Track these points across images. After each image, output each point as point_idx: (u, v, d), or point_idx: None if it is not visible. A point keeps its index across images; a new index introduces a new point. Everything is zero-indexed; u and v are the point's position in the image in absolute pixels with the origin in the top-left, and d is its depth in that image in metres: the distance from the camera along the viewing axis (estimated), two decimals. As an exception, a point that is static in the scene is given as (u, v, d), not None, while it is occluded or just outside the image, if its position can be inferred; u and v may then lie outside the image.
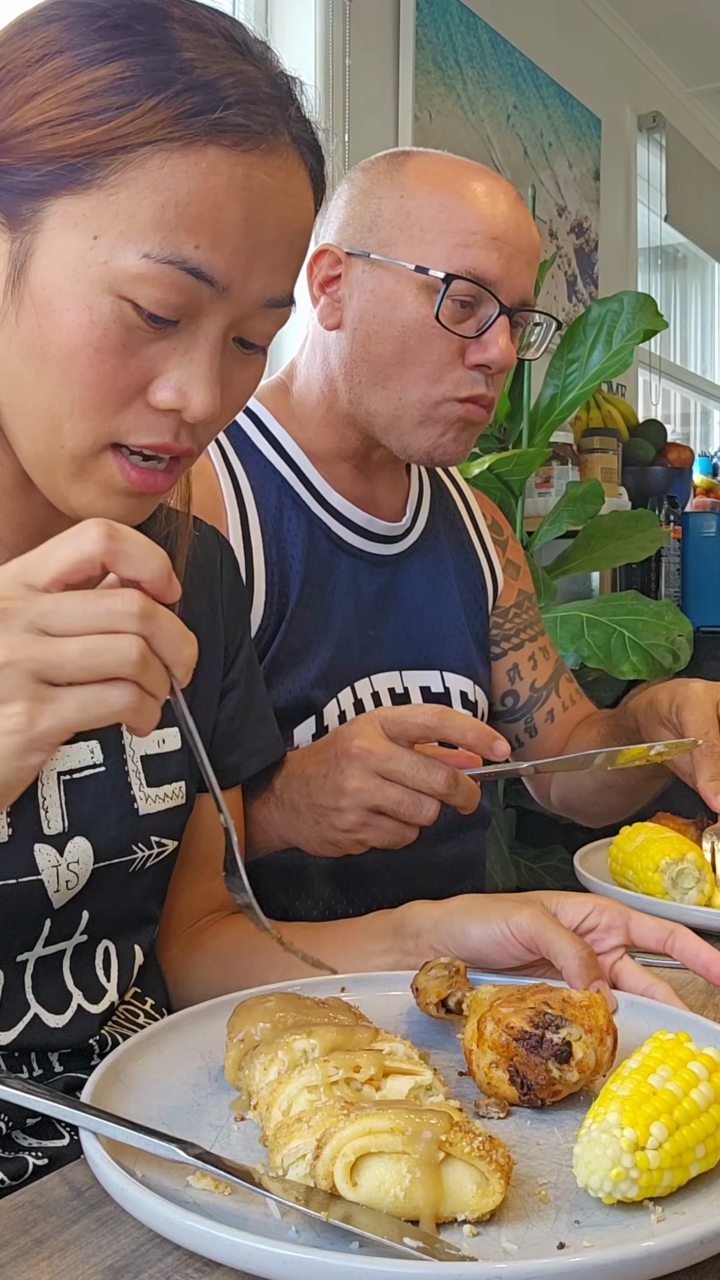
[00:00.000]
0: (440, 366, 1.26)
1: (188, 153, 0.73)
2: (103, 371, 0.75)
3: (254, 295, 0.78)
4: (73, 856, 0.87)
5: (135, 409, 0.77)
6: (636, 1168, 0.61)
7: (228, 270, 0.75)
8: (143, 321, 0.75)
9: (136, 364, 0.76)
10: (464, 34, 3.36)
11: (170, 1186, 0.63)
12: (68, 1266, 0.60)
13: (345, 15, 2.87)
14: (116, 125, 0.72)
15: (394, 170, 1.29)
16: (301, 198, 0.81)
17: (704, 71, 4.71)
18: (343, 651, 1.31)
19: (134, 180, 0.73)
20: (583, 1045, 0.74)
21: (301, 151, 0.80)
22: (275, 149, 0.77)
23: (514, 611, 1.55)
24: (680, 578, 3.92)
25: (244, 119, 0.75)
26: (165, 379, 0.77)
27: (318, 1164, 0.61)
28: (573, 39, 4.02)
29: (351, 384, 1.30)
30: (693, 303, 5.73)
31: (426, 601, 1.42)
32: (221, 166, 0.74)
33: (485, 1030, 0.76)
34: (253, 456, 1.32)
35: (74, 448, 0.78)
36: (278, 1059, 0.71)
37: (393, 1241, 0.57)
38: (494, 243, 1.25)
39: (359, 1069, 0.68)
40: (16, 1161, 0.85)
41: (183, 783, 0.98)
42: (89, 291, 0.74)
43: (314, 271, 1.32)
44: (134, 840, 0.92)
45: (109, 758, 0.91)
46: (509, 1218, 0.62)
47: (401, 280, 1.26)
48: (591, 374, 2.66)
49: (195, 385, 0.77)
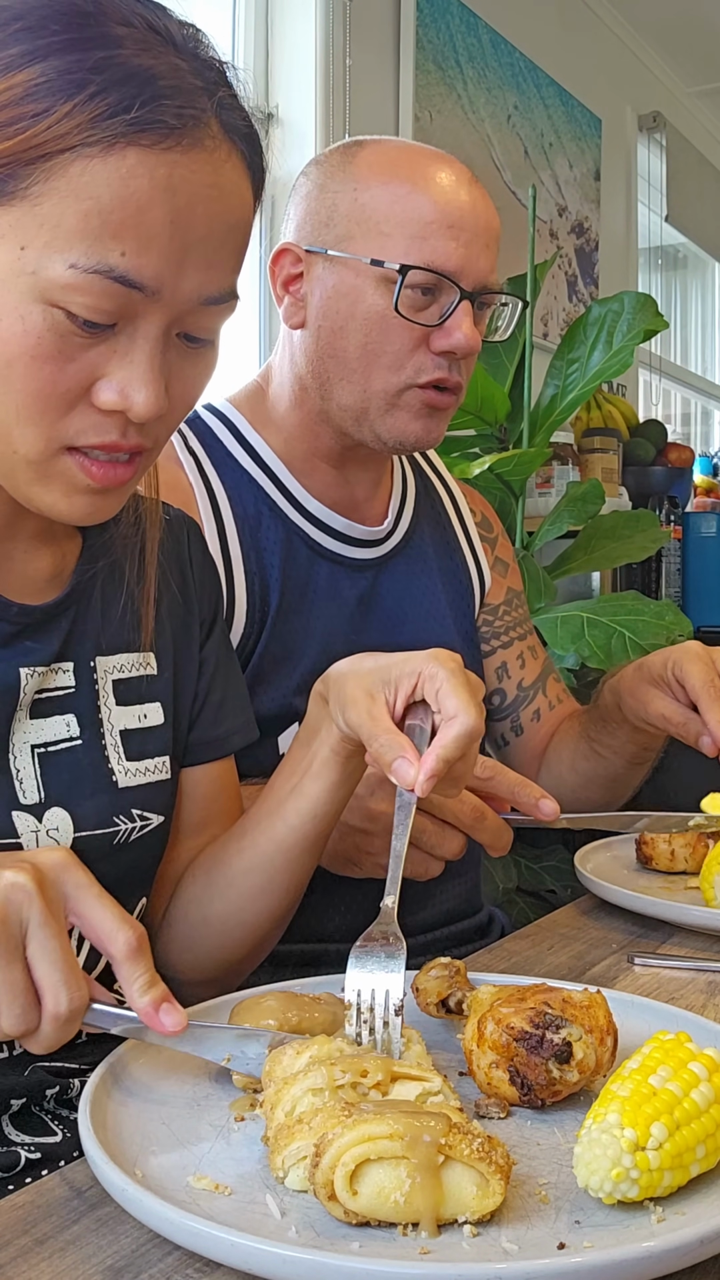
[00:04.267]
0: (403, 355, 1.26)
1: (108, 157, 0.72)
2: (42, 379, 0.75)
3: (188, 295, 0.77)
4: (52, 824, 0.88)
5: (81, 411, 0.78)
6: (637, 1168, 0.61)
7: (157, 275, 0.75)
8: (77, 328, 0.75)
9: (76, 369, 0.76)
10: (464, 34, 3.36)
11: (170, 1186, 0.63)
12: (68, 1266, 0.60)
13: (345, 15, 2.87)
14: (33, 134, 0.72)
15: (346, 163, 1.28)
16: (234, 190, 0.79)
17: (704, 71, 4.72)
18: (326, 658, 1.31)
19: (56, 189, 0.72)
20: (583, 1045, 0.74)
21: (233, 140, 0.79)
22: (200, 142, 0.76)
23: (503, 609, 1.55)
24: (680, 578, 3.93)
25: (162, 115, 0.73)
26: (107, 381, 0.77)
27: (316, 1172, 0.61)
28: (573, 39, 4.02)
29: (320, 381, 1.30)
30: (693, 303, 5.73)
31: (410, 604, 1.41)
32: (141, 169, 0.73)
33: (485, 1030, 0.76)
34: (228, 465, 1.32)
35: (27, 453, 0.78)
36: (312, 1045, 0.71)
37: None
38: (450, 231, 1.24)
39: (366, 1073, 0.68)
40: (9, 1155, 0.86)
41: (165, 757, 0.98)
42: (20, 301, 0.74)
43: (276, 271, 1.32)
44: (114, 813, 0.93)
45: (85, 731, 0.92)
46: (509, 1218, 0.62)
47: (360, 274, 1.25)
48: (592, 374, 2.66)
49: (136, 386, 0.77)
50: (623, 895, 1.18)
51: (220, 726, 1.07)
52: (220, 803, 1.08)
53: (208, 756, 1.06)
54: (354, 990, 0.77)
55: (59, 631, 0.91)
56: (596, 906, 1.25)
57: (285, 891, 1.01)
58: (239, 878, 1.00)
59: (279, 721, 1.27)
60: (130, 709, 0.96)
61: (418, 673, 0.87)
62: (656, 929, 1.17)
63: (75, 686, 0.92)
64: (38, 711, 0.89)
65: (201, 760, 1.05)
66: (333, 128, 2.85)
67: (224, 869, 1.01)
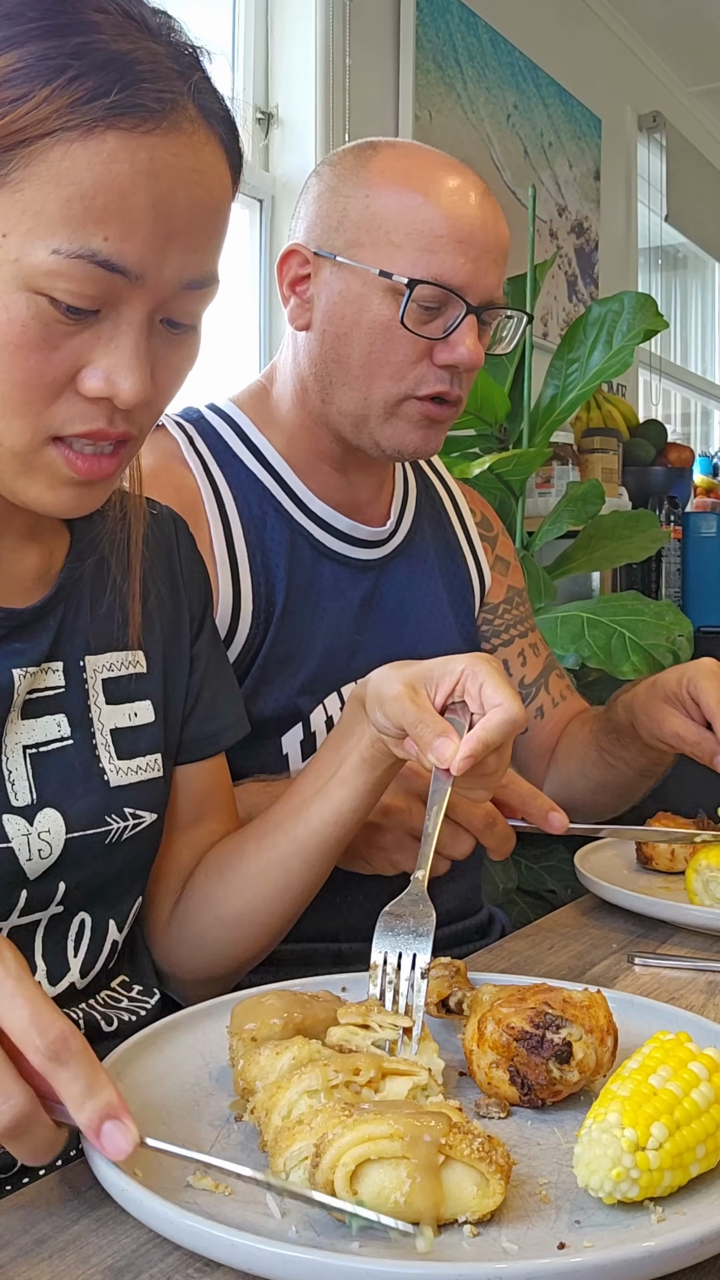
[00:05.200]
0: (405, 366, 1.26)
1: (88, 141, 0.72)
2: (27, 368, 0.75)
3: (171, 279, 0.77)
4: (43, 826, 0.88)
5: (67, 400, 0.78)
6: (637, 1168, 0.62)
7: (140, 260, 0.75)
8: (61, 315, 0.75)
9: (61, 357, 0.76)
10: (464, 34, 3.36)
11: (170, 1186, 0.63)
12: (68, 1266, 0.60)
13: (345, 15, 2.87)
14: (12, 120, 0.72)
15: (360, 167, 1.28)
16: (213, 173, 0.79)
17: (704, 71, 4.71)
18: (330, 658, 1.31)
19: (37, 175, 0.72)
20: (583, 1045, 0.74)
21: (211, 124, 0.79)
22: (179, 125, 0.76)
23: (504, 608, 1.55)
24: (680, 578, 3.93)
25: (142, 99, 0.73)
26: (92, 368, 0.77)
27: (317, 1172, 0.61)
28: (573, 39, 4.02)
29: (322, 384, 1.30)
30: (693, 303, 5.73)
31: (412, 603, 1.41)
32: (123, 153, 0.73)
33: (486, 1030, 0.76)
34: (234, 466, 1.32)
35: (13, 445, 0.78)
36: (291, 1046, 0.71)
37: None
38: (460, 246, 1.23)
39: (359, 1071, 0.68)
40: (7, 1154, 0.85)
41: (158, 755, 0.98)
42: (4, 290, 0.74)
43: (284, 271, 1.32)
44: (106, 812, 0.92)
45: (76, 730, 0.92)
46: (509, 1218, 0.62)
47: (368, 283, 1.25)
48: (592, 374, 2.66)
49: (122, 372, 0.77)
50: (623, 895, 1.18)
51: (213, 723, 1.07)
52: (215, 798, 1.08)
53: (201, 754, 1.06)
54: (380, 953, 0.79)
55: (48, 631, 0.91)
56: (596, 906, 1.25)
57: (301, 893, 1.01)
58: (255, 878, 1.00)
59: (283, 721, 1.27)
60: (120, 707, 0.96)
61: (460, 670, 0.88)
62: (656, 929, 1.17)
63: (65, 686, 0.92)
64: (29, 712, 0.89)
65: (195, 758, 1.05)
66: (333, 127, 2.85)
67: (240, 869, 1.01)
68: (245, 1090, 0.72)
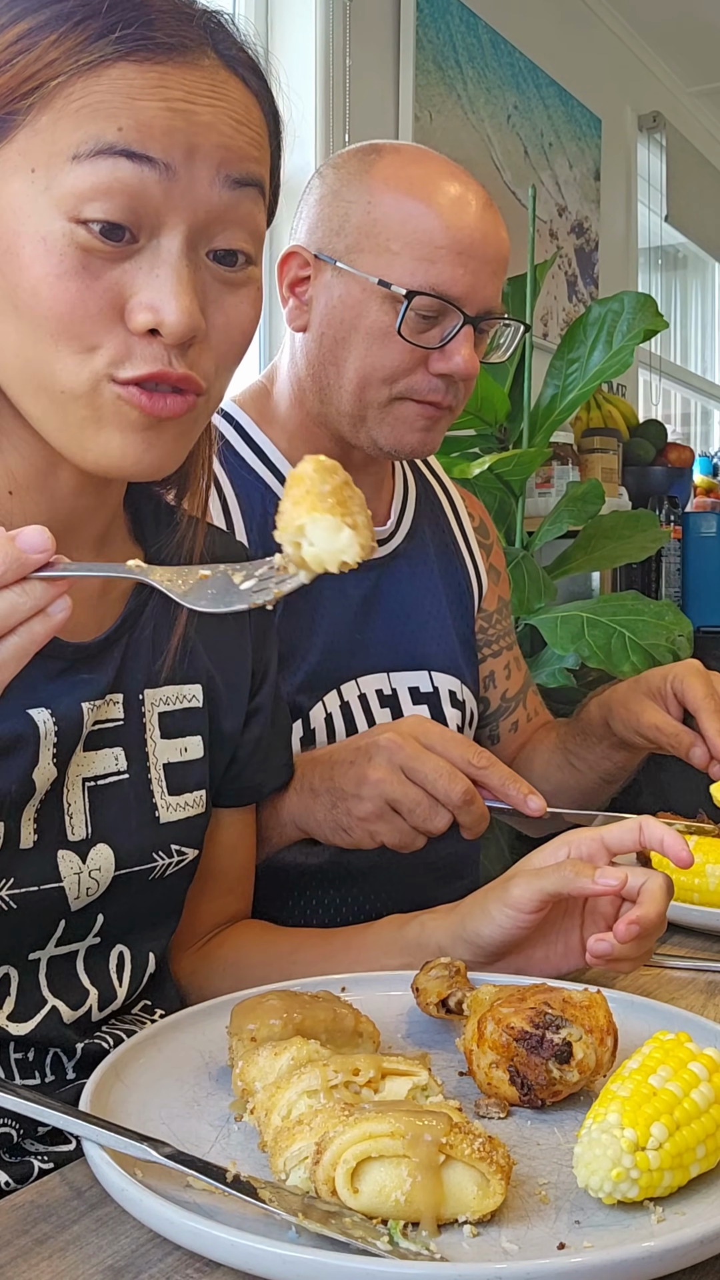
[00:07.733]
0: (400, 373, 1.27)
1: (99, 74, 0.73)
2: (69, 298, 0.74)
3: (204, 181, 0.75)
4: (95, 864, 0.87)
5: (118, 338, 0.76)
6: (637, 1168, 0.61)
7: (164, 148, 0.74)
8: (97, 240, 0.74)
9: (103, 288, 0.75)
10: (464, 34, 3.36)
11: (170, 1187, 0.63)
12: (68, 1266, 0.60)
13: (345, 15, 2.87)
14: (24, 66, 0.73)
15: (364, 171, 1.28)
16: (241, 102, 0.78)
17: (704, 71, 4.71)
18: (329, 656, 1.32)
19: (55, 109, 0.73)
20: (583, 1045, 0.74)
21: (239, 72, 0.78)
22: (195, 63, 0.75)
23: (495, 617, 1.56)
24: (680, 578, 3.93)
25: (154, 34, 0.74)
26: (137, 299, 0.75)
27: (318, 1170, 0.61)
28: (573, 39, 4.02)
29: (319, 385, 1.31)
30: (693, 303, 5.73)
31: (412, 603, 1.42)
32: (133, 72, 0.73)
33: (485, 1030, 0.76)
34: (236, 464, 1.33)
35: (73, 387, 0.76)
36: (290, 1047, 0.71)
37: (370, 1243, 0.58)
38: (459, 257, 1.24)
39: (358, 1071, 0.68)
40: (23, 1166, 0.84)
41: (203, 791, 0.97)
42: (40, 224, 0.74)
43: (284, 272, 1.32)
44: (155, 848, 0.92)
45: (133, 765, 0.91)
46: (509, 1218, 0.62)
47: (366, 290, 1.25)
48: (592, 374, 2.66)
49: (165, 298, 0.75)
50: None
51: (261, 774, 1.07)
52: (239, 855, 1.08)
53: (243, 801, 1.06)
54: None
55: (113, 662, 0.89)
56: (596, 906, 1.24)
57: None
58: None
59: None
60: (173, 741, 0.95)
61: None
62: (656, 929, 1.17)
63: (124, 719, 0.91)
64: (89, 744, 0.88)
65: (236, 804, 1.05)
66: (333, 128, 2.85)
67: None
68: (245, 1090, 0.72)
